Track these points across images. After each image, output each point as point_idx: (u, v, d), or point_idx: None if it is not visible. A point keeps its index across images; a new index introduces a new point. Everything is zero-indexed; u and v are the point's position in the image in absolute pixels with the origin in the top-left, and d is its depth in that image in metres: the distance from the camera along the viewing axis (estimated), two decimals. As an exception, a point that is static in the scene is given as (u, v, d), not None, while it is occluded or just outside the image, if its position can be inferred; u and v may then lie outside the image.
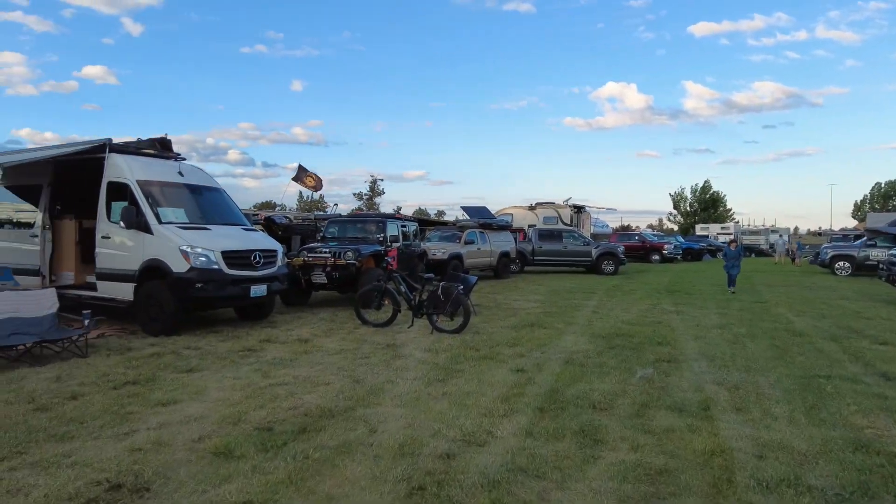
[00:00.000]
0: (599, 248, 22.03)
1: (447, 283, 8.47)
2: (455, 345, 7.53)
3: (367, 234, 12.40)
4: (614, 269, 21.57)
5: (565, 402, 5.02)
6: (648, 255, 31.81)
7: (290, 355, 6.91)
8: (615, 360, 6.74)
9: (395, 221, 13.11)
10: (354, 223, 13.10)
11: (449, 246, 17.14)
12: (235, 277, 8.35)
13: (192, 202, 9.19)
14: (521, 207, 30.40)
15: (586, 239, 22.62)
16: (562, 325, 9.26)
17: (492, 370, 6.17)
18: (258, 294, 8.64)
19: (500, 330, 8.76)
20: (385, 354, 6.96)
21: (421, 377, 5.85)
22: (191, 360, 6.57)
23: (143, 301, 8.24)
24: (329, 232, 12.83)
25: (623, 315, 10.66)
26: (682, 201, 67.23)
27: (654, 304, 12.38)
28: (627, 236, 34.88)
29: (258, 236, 9.33)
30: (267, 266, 8.88)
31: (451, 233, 18.37)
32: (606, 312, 11.01)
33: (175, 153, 9.90)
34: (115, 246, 8.65)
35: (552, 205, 29.93)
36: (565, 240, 22.37)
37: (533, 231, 22.91)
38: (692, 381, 5.84)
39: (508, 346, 7.46)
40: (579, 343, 7.77)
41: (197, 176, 9.68)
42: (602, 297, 13.92)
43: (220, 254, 8.21)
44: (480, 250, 18.19)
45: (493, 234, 19.19)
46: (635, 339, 8.09)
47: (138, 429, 4.31)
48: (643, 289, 16.13)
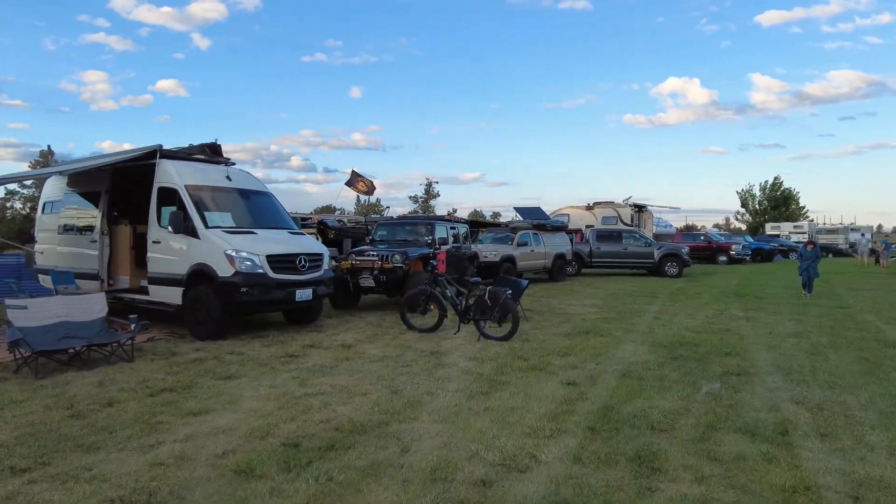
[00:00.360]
0: (662, 249, 21.01)
1: (495, 288, 8.07)
2: (502, 353, 7.12)
3: (416, 236, 12.15)
4: (678, 271, 20.51)
5: (620, 422, 4.53)
6: (715, 255, 30.25)
7: (331, 362, 6.70)
8: (678, 372, 6.15)
9: (443, 223, 12.81)
10: (403, 226, 12.88)
11: (501, 248, 16.69)
12: (281, 281, 8.25)
13: (240, 206, 9.19)
14: (578, 207, 29.57)
15: (648, 239, 21.63)
16: (620, 333, 8.68)
17: (540, 383, 5.73)
18: (304, 298, 8.51)
19: (551, 337, 8.28)
20: (428, 363, 6.63)
21: (463, 389, 5.48)
22: (231, 367, 6.46)
23: (191, 305, 8.26)
24: (378, 235, 12.67)
25: (687, 321, 9.93)
26: (750, 199, 63.88)
27: (722, 310, 11.53)
28: (692, 236, 33.32)
29: (305, 240, 9.22)
30: (313, 270, 8.74)
31: (503, 234, 17.90)
32: (669, 318, 10.30)
33: (225, 158, 9.95)
34: (164, 250, 8.73)
35: (611, 204, 28.94)
36: (625, 240, 21.46)
37: (590, 231, 22.11)
38: (766, 398, 5.21)
39: (560, 356, 6.99)
40: (638, 353, 7.20)
41: (245, 180, 9.69)
42: (664, 301, 13.14)
43: (265, 258, 8.13)
44: (534, 252, 17.64)
45: (547, 235, 18.60)
46: (700, 348, 7.43)
47: (165, 440, 4.15)
48: (709, 292, 15.16)
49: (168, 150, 9.26)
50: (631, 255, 21.08)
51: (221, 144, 10.09)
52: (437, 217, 13.44)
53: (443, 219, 13.30)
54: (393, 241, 12.20)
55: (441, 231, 12.35)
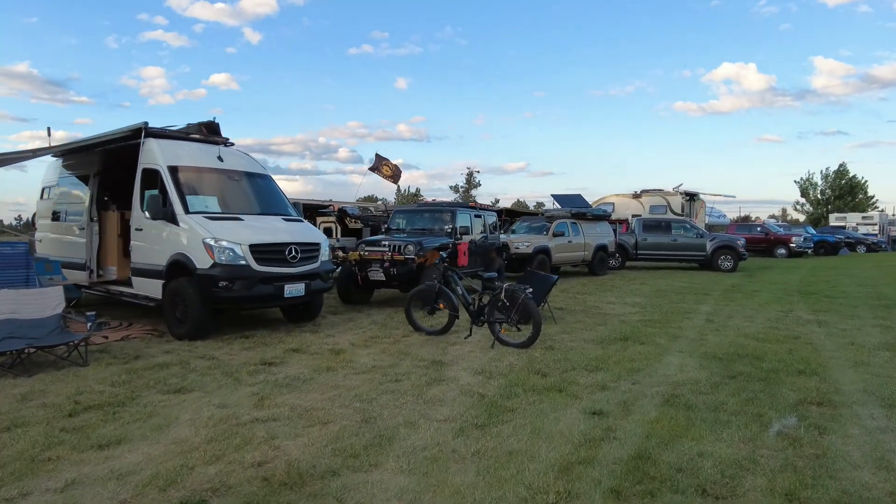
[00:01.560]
0: (715, 241, 19.16)
1: (512, 286, 6.80)
2: (517, 366, 5.87)
3: (436, 225, 10.96)
4: (733, 265, 18.65)
5: (657, 480, 3.24)
6: (773, 248, 27.93)
7: (308, 373, 5.60)
8: (737, 399, 4.77)
9: (466, 211, 11.55)
10: (421, 213, 11.70)
11: (535, 238, 15.32)
12: (267, 275, 7.21)
13: (229, 189, 8.20)
14: (623, 195, 27.70)
15: (700, 230, 19.79)
16: (664, 340, 7.27)
17: (557, 411, 4.47)
18: (294, 294, 7.45)
19: (581, 345, 6.97)
20: (422, 377, 5.45)
21: (454, 418, 4.28)
22: (190, 376, 5.44)
23: (170, 300, 7.34)
24: (395, 223, 11.54)
25: (746, 326, 8.41)
26: (810, 188, 59.84)
27: (786, 311, 9.91)
28: (748, 227, 30.96)
29: (299, 227, 8.15)
30: (306, 262, 7.68)
31: (538, 224, 16.51)
32: (724, 321, 8.79)
33: (224, 138, 8.99)
34: (145, 238, 7.84)
35: (660, 192, 26.94)
36: (674, 231, 19.70)
37: (637, 221, 20.42)
38: (866, 445, 3.80)
39: (588, 371, 5.68)
40: (687, 368, 5.82)
41: (239, 161, 8.69)
42: (718, 300, 11.55)
43: (247, 247, 7.10)
44: (572, 243, 16.19)
45: (587, 224, 17.10)
46: (765, 363, 5.99)
47: (34, 490, 3.12)
48: (769, 290, 13.42)
49: (155, 129, 8.34)
50: (681, 247, 19.33)
51: (219, 126, 9.16)
52: (460, 204, 12.21)
53: (466, 206, 12.05)
54: (411, 231, 11.05)
55: (463, 219, 11.11)
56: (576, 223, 16.71)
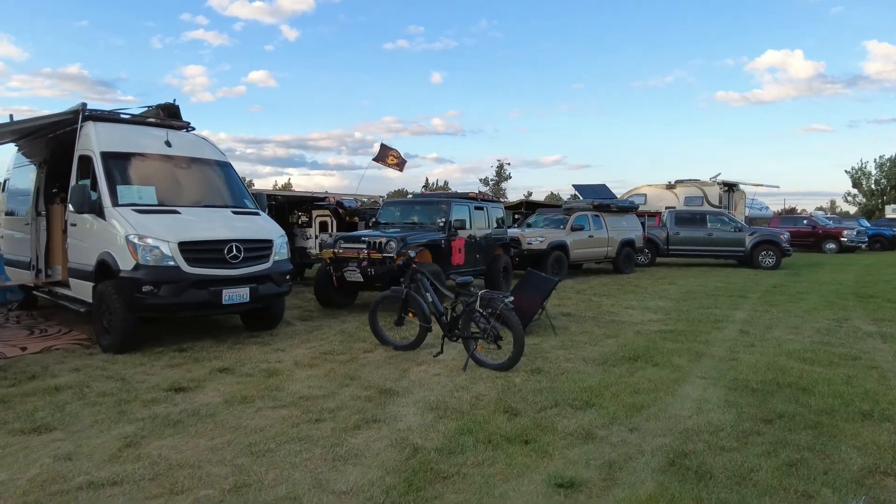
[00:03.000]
0: (756, 236, 17.34)
1: (489, 293, 5.48)
2: (486, 397, 4.58)
3: (428, 218, 9.68)
4: (775, 262, 16.82)
5: None
6: (821, 243, 25.70)
7: (218, 404, 4.43)
8: (774, 461, 3.37)
9: (465, 203, 10.20)
10: (412, 205, 10.43)
11: (550, 233, 13.89)
12: (200, 278, 6.08)
13: (174, 178, 7.10)
14: (657, 186, 25.88)
15: (738, 223, 17.98)
16: (684, 360, 5.85)
17: (510, 480, 3.16)
18: (236, 301, 6.30)
19: (577, 366, 5.62)
20: (355, 414, 4.21)
21: (358, 490, 3.02)
22: (69, 407, 4.34)
23: (97, 306, 6.29)
24: (384, 216, 10.31)
25: (789, 340, 6.90)
26: (863, 178, 56.14)
27: (840, 320, 8.31)
28: (793, 220, 28.68)
29: (248, 222, 6.97)
30: (252, 262, 6.52)
31: (556, 217, 15.07)
32: (762, 334, 7.29)
33: (183, 122, 7.91)
34: (78, 234, 6.85)
35: (696, 182, 25.03)
36: (710, 224, 17.96)
37: (669, 214, 18.72)
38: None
39: (575, 408, 4.35)
40: (707, 405, 4.43)
41: (192, 147, 7.57)
42: (757, 304, 9.97)
43: (176, 245, 5.97)
44: (593, 238, 14.69)
45: (612, 217, 15.55)
46: (814, 398, 4.55)
47: None
48: (818, 292, 11.71)
49: (97, 112, 7.31)
50: (717, 241, 17.59)
51: (180, 109, 8.10)
52: (457, 195, 10.90)
53: (465, 197, 10.72)
54: (399, 225, 9.81)
55: (460, 212, 9.79)
56: (598, 216, 15.19)
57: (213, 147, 7.94)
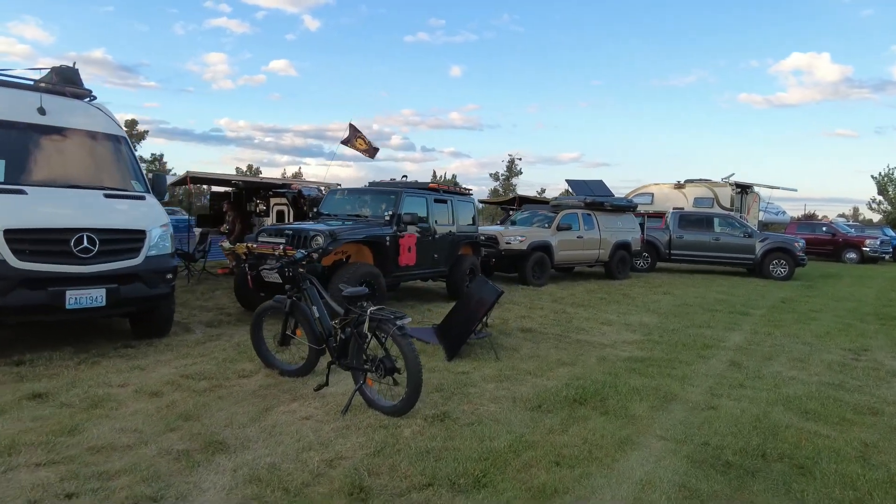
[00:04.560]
0: (767, 242, 15.76)
1: (380, 312, 4.12)
2: (342, 464, 3.25)
3: (375, 210, 8.31)
4: (787, 272, 15.25)
5: None
6: (841, 252, 23.99)
7: (-36, 460, 3.16)
8: None
9: (420, 194, 8.76)
10: (360, 195, 9.06)
11: (532, 232, 12.47)
12: (33, 275, 4.81)
13: (35, 151, 5.78)
14: (665, 185, 24.28)
15: (748, 228, 16.38)
16: (646, 408, 4.46)
17: None
18: (86, 305, 5.01)
19: (500, 410, 4.26)
20: (131, 488, 2.90)
21: None
22: None
23: (-81, 306, 5.05)
24: (325, 206, 8.96)
25: (790, 379, 5.47)
26: (891, 184, 53.63)
27: (857, 350, 6.85)
28: (811, 226, 26.88)
29: (118, 207, 5.66)
30: (113, 257, 5.22)
31: (542, 214, 13.63)
32: (757, 368, 5.86)
33: (84, 90, 6.63)
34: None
35: (707, 182, 23.37)
36: (718, 228, 16.42)
37: (672, 215, 17.18)
38: None
39: (455, 492, 2.99)
40: (653, 495, 3.05)
41: (75, 116, 6.25)
42: (759, 324, 8.51)
43: (0, 234, 4.70)
44: (583, 239, 13.24)
45: (606, 217, 14.07)
46: (814, 483, 3.15)
47: None
48: (833, 310, 10.19)
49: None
50: (724, 247, 16.04)
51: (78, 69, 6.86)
52: (414, 184, 9.45)
53: (424, 188, 9.29)
54: (345, 216, 8.47)
55: (413, 204, 8.39)
56: (590, 215, 13.73)
57: (107, 118, 6.62)
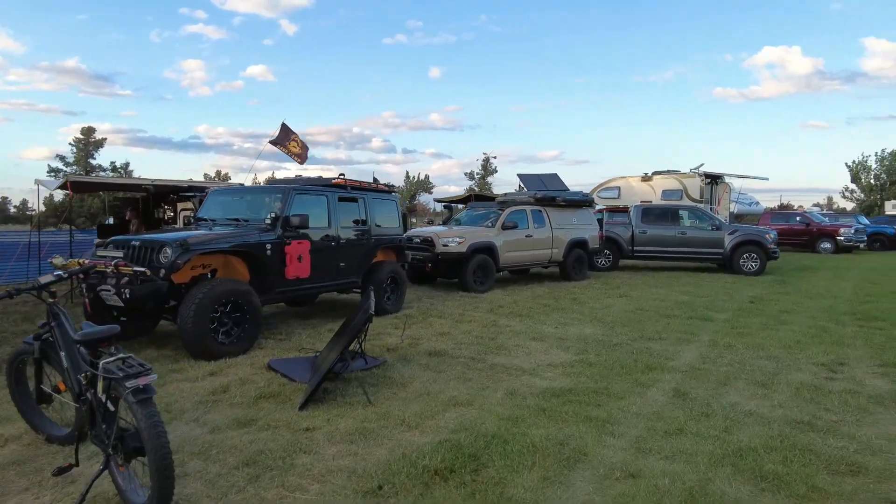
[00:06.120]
0: (737, 235, 14.60)
1: (114, 364, 2.73)
2: None
3: (257, 213, 6.89)
4: (759, 266, 14.12)
5: None
6: (815, 242, 23.08)
7: None
8: None
9: (317, 192, 7.29)
10: (242, 196, 7.61)
11: (474, 232, 11.12)
12: None
13: None
14: (632, 178, 23.17)
15: (717, 221, 15.22)
16: (534, 481, 3.13)
17: None
18: None
19: (323, 499, 2.90)
20: None
21: None
22: None
23: None
24: (204, 210, 7.51)
25: (748, 414, 4.19)
26: (863, 172, 53.41)
27: (833, 366, 5.61)
28: (785, 216, 25.94)
29: None
30: None
31: (486, 212, 12.30)
32: (708, 398, 4.58)
33: None
34: None
35: (675, 174, 22.30)
36: (684, 221, 15.27)
37: (635, 209, 15.95)
38: None
39: None
40: None
41: None
42: (720, 332, 7.26)
43: None
44: (533, 239, 11.93)
45: (559, 213, 12.76)
46: None
47: None
48: (806, 310, 9.00)
49: None
50: (690, 241, 14.86)
51: None
52: (309, 181, 7.95)
53: (327, 185, 7.79)
54: (224, 221, 7.03)
55: (304, 204, 6.96)
56: (541, 211, 12.43)
57: None
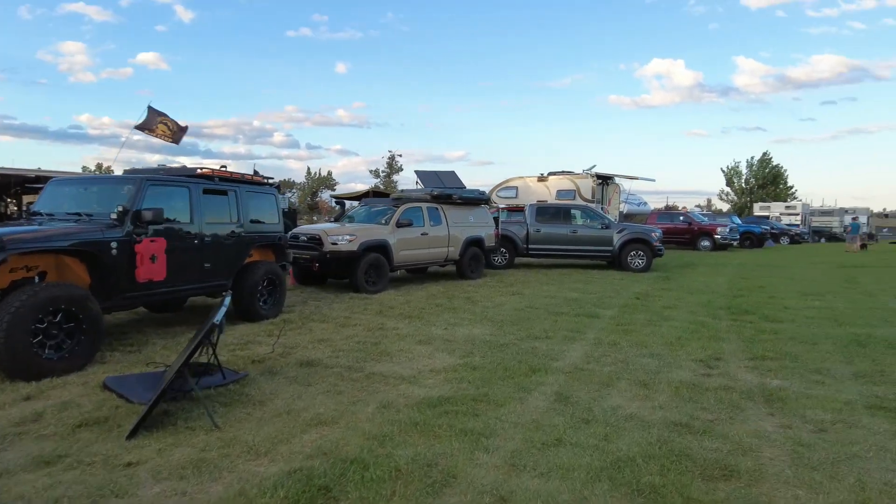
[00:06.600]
0: (625, 234, 15.12)
1: None
2: None
3: (105, 207, 5.98)
4: (645, 263, 14.70)
5: None
6: (696, 240, 24.67)
7: None
8: None
9: (172, 184, 6.41)
10: (88, 187, 6.65)
11: (366, 229, 10.61)
12: None
13: None
14: (529, 178, 23.62)
15: (606, 220, 15.69)
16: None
17: None
18: None
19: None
20: None
21: None
22: None
23: None
24: (41, 203, 6.48)
25: (629, 418, 4.03)
26: (736, 177, 58.41)
27: (710, 361, 5.69)
28: (670, 216, 27.57)
29: None
30: None
31: (380, 209, 11.82)
32: (590, 402, 4.39)
33: None
34: None
35: (569, 174, 22.96)
36: (576, 220, 15.59)
37: (529, 208, 16.11)
38: None
39: None
40: None
41: None
42: (606, 329, 7.25)
43: None
44: (428, 237, 11.60)
45: (455, 211, 12.54)
46: None
47: None
48: (686, 304, 9.33)
49: None
50: (582, 240, 15.21)
51: None
52: (170, 171, 7.10)
53: (190, 175, 6.96)
54: (65, 216, 6.05)
55: (162, 197, 6.13)
56: (437, 209, 12.14)
57: None
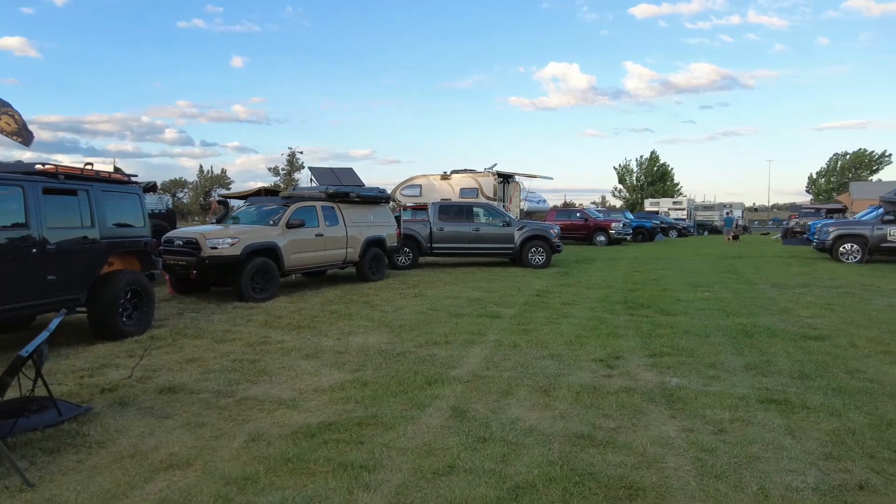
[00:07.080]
0: (525, 231, 15.17)
1: None
2: None
3: None
4: (545, 259, 14.83)
5: None
6: (593, 235, 25.50)
7: None
8: None
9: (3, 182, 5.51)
10: None
11: (252, 231, 9.76)
12: None
13: None
14: (433, 176, 23.40)
15: (507, 217, 15.70)
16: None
17: None
18: None
19: None
20: None
21: None
22: None
23: None
24: None
25: (528, 431, 3.72)
26: (627, 174, 61.76)
27: (610, 361, 5.55)
28: (567, 213, 28.38)
29: None
30: None
31: (270, 208, 10.99)
32: (488, 414, 4.04)
33: None
34: None
35: (472, 173, 22.97)
36: (479, 218, 15.43)
37: (432, 206, 15.79)
38: None
39: None
40: None
41: None
42: (507, 329, 7.00)
43: None
44: (324, 238, 10.91)
45: (353, 210, 11.92)
46: None
47: None
48: (584, 300, 9.35)
49: None
50: (485, 237, 15.09)
51: None
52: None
53: (30, 172, 5.95)
54: None
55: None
56: (333, 208, 11.47)
57: None
